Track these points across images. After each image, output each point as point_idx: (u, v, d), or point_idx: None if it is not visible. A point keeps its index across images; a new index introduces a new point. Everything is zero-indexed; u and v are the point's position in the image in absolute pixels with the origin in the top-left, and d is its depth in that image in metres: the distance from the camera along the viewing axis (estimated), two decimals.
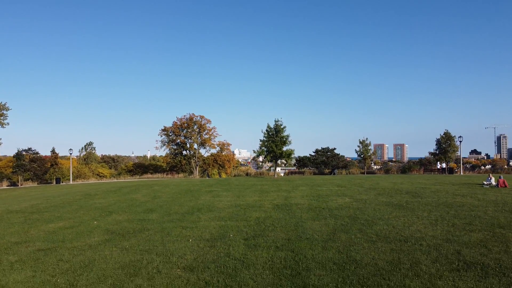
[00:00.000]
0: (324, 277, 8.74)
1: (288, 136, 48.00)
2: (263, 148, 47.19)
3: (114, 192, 31.95)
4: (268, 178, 50.54)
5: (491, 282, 8.13)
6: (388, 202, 20.81)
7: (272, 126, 47.98)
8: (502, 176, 31.20)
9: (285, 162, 47.74)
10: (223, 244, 12.06)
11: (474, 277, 8.43)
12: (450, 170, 59.00)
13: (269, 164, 62.42)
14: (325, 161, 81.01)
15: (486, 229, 13.21)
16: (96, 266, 10.02)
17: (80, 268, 9.93)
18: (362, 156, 66.12)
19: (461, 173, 57.36)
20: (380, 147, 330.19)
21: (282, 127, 47.82)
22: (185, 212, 18.76)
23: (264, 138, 47.91)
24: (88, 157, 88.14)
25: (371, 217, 16.00)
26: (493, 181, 30.23)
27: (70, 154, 68.25)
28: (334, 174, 63.77)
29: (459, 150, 61.70)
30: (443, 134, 62.14)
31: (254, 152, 48.97)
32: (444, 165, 60.63)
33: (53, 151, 67.41)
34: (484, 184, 30.37)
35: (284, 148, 47.60)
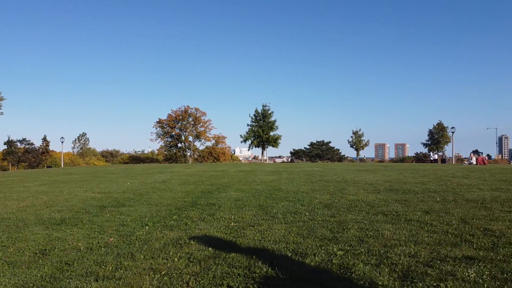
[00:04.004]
0: (268, 177, 8.46)
1: (275, 121, 47.55)
2: (250, 133, 46.77)
3: (101, 167, 31.89)
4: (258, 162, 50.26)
5: (420, 196, 7.86)
6: (356, 169, 20.38)
7: (259, 110, 47.57)
8: (481, 154, 30.68)
9: (272, 146, 47.16)
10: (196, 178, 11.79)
11: (403, 193, 8.11)
12: (443, 160, 58.21)
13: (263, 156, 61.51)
14: (320, 154, 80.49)
15: (436, 178, 12.84)
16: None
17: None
18: (354, 146, 65.42)
19: (454, 163, 56.62)
20: (382, 146, 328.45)
21: (269, 112, 47.37)
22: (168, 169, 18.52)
23: (251, 123, 47.52)
24: (83, 149, 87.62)
25: (327, 174, 15.66)
26: (473, 161, 29.72)
27: (62, 142, 68.42)
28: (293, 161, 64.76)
29: (451, 141, 60.87)
30: (436, 125, 61.09)
31: (241, 137, 48.46)
32: (436, 156, 59.81)
33: (44, 138, 67.28)
34: (465, 163, 29.88)
35: (271, 133, 47.16)
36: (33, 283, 2.91)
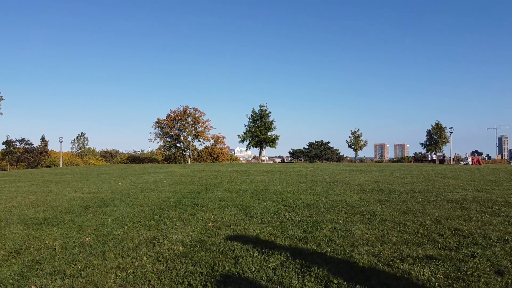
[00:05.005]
0: (260, 177, 8.56)
1: (272, 121, 47.60)
2: (248, 133, 46.84)
3: (97, 167, 31.99)
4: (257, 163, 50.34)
5: (403, 196, 7.95)
6: (350, 170, 20.49)
7: (257, 111, 47.62)
8: (476, 155, 30.79)
9: (270, 146, 47.12)
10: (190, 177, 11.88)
11: (388, 194, 8.20)
12: (441, 161, 58.23)
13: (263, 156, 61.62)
14: (318, 154, 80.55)
15: (426, 178, 12.94)
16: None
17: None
18: (353, 147, 65.49)
19: (452, 163, 56.67)
20: (381, 147, 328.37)
21: (267, 112, 47.40)
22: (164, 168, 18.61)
23: (249, 123, 47.57)
24: (82, 149, 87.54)
25: (319, 174, 15.75)
26: (469, 161, 29.83)
27: (61, 142, 68.55)
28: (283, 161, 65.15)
29: (449, 141, 60.90)
30: (434, 125, 61.14)
31: (239, 136, 48.53)
32: (434, 156, 59.86)
33: (42, 138, 67.37)
34: (460, 163, 29.98)
35: (269, 133, 47.21)
36: (1, 281, 3.01)
